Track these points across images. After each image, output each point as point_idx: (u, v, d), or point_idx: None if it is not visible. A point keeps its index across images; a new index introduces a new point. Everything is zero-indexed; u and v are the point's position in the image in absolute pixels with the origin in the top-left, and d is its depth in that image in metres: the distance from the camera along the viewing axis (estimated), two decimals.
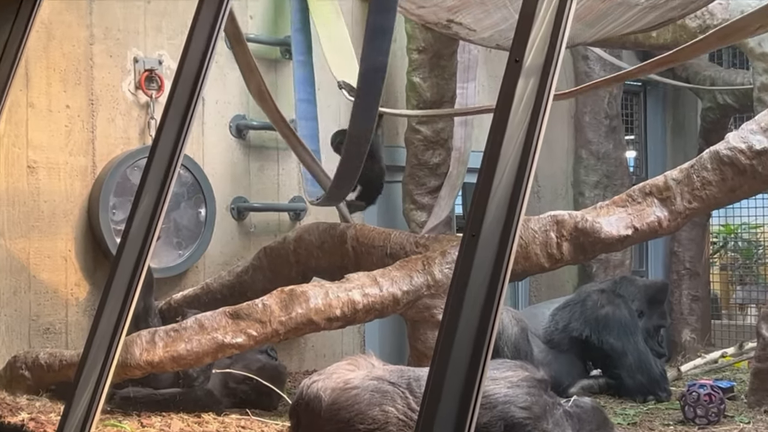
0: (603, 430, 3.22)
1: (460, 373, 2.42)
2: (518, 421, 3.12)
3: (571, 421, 3.21)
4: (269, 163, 6.72)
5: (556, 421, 3.16)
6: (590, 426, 3.20)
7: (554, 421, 3.15)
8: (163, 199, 3.77)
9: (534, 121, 2.53)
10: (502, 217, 2.47)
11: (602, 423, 3.24)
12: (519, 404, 3.15)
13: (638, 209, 5.08)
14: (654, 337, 6.20)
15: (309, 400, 3.33)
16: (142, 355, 4.58)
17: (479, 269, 2.45)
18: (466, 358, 2.43)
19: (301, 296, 4.73)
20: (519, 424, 3.11)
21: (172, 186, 3.80)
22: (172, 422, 4.61)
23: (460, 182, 6.60)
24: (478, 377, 2.39)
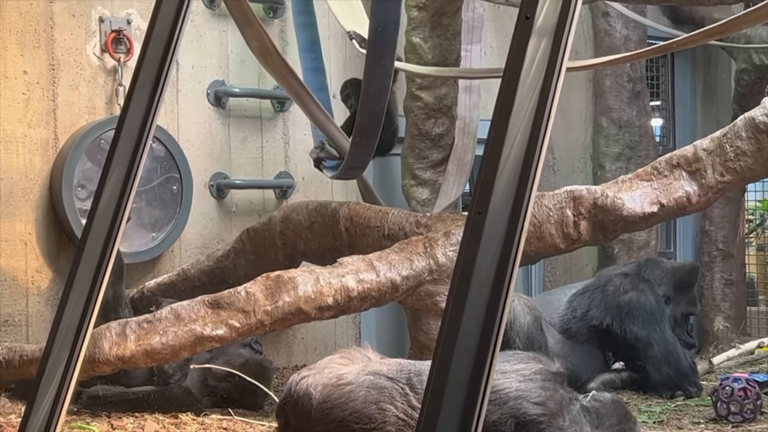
0: (624, 425, 3.23)
1: (465, 366, 2.43)
2: (531, 417, 3.13)
3: (589, 416, 3.22)
4: (252, 135, 6.72)
5: (573, 418, 3.17)
6: (610, 421, 3.22)
7: (571, 417, 3.17)
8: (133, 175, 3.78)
9: (547, 85, 2.53)
10: (511, 192, 2.47)
11: (623, 418, 3.25)
12: (532, 399, 3.17)
13: (664, 183, 5.08)
14: (683, 325, 6.22)
15: (298, 398, 3.34)
16: (111, 349, 4.58)
17: (486, 251, 2.46)
18: (473, 349, 2.44)
19: (288, 283, 4.73)
20: (532, 421, 3.13)
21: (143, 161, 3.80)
22: (146, 423, 4.63)
23: (469, 157, 6.58)
24: (485, 371, 2.41)
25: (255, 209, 6.72)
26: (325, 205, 5.85)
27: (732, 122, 5.19)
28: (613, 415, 3.26)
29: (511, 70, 2.55)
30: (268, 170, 6.78)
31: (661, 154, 6.79)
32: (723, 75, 8.64)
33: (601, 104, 8.01)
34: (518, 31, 2.52)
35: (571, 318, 6.07)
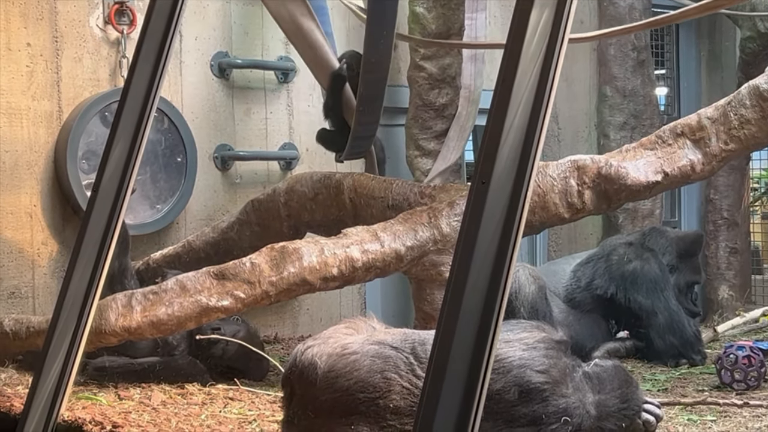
0: (626, 389, 3.24)
1: (469, 335, 2.44)
2: (535, 386, 3.14)
3: (591, 382, 3.23)
4: (256, 106, 6.71)
5: (576, 385, 3.18)
6: (612, 385, 3.23)
7: (574, 384, 3.18)
8: (137, 147, 3.79)
9: (549, 54, 2.53)
10: (514, 162, 2.48)
11: (624, 382, 3.26)
12: (536, 368, 3.17)
13: (669, 152, 5.08)
14: (687, 294, 6.22)
15: (303, 368, 3.35)
16: (117, 320, 4.60)
17: (490, 220, 2.47)
18: (476, 318, 2.45)
19: (293, 254, 4.74)
20: (536, 389, 3.14)
21: (146, 133, 3.82)
22: (153, 394, 4.65)
23: (470, 124, 6.58)
24: (489, 340, 2.42)
25: (259, 181, 6.72)
26: (330, 176, 5.85)
27: (736, 90, 5.18)
28: (614, 380, 3.27)
29: (513, 39, 2.55)
30: (272, 142, 6.78)
31: (666, 123, 6.77)
32: (727, 43, 8.61)
33: (606, 73, 7.98)
34: (521, 1, 2.52)
35: (576, 287, 6.07)
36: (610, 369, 3.32)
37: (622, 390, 3.26)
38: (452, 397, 2.38)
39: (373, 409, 3.25)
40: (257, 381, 5.15)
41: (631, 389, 3.28)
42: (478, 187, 2.49)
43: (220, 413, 4.33)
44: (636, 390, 3.30)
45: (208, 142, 6.50)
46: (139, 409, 4.36)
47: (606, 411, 3.21)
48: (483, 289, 2.46)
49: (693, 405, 4.45)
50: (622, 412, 3.25)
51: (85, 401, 4.44)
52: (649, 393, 4.80)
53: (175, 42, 3.81)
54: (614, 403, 3.23)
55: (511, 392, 3.13)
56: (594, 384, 3.23)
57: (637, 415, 3.28)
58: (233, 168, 6.63)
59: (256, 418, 4.23)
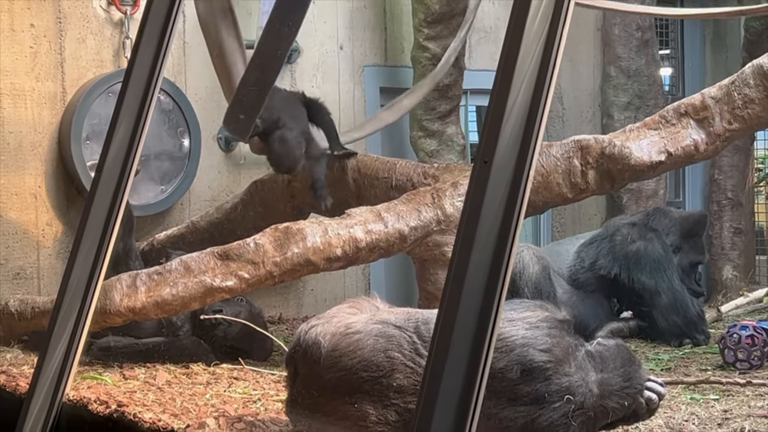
0: (628, 368, 3.24)
1: (471, 314, 2.44)
2: (537, 364, 3.14)
3: (594, 361, 3.24)
4: None
5: (578, 364, 3.18)
6: (614, 364, 3.23)
7: (576, 363, 3.18)
8: (140, 128, 3.79)
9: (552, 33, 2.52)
10: (517, 141, 2.48)
11: (627, 360, 3.25)
12: (538, 347, 3.17)
13: (672, 132, 5.07)
14: (691, 274, 6.22)
15: (307, 347, 3.35)
16: (122, 300, 4.61)
17: (492, 199, 2.47)
18: (479, 298, 2.45)
19: (297, 234, 4.74)
20: (538, 368, 3.14)
21: (150, 113, 3.81)
22: (158, 374, 4.67)
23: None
24: (491, 319, 2.42)
25: (263, 161, 6.68)
26: (333, 157, 5.84)
27: (740, 70, 5.17)
28: (617, 359, 3.27)
29: (516, 18, 2.54)
30: None
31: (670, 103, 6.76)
32: (732, 23, 8.57)
33: (610, 53, 7.96)
34: None
35: (580, 268, 6.08)
36: (612, 348, 3.32)
37: (625, 369, 3.26)
38: (455, 375, 2.39)
39: (376, 388, 3.25)
40: (261, 361, 5.17)
41: (634, 368, 3.28)
42: (481, 167, 2.49)
43: (225, 392, 4.34)
44: (639, 369, 3.30)
45: (211, 123, 6.49)
46: (144, 388, 4.37)
47: (608, 389, 3.21)
48: (485, 268, 2.46)
49: (696, 384, 4.46)
50: (624, 391, 3.25)
51: (90, 381, 4.46)
52: (652, 372, 4.81)
53: (178, 22, 3.80)
54: (617, 381, 3.23)
55: (514, 371, 3.13)
56: (596, 363, 3.23)
57: (639, 394, 3.28)
58: (237, 149, 6.63)
59: (260, 397, 4.24)
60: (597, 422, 3.21)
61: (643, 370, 3.31)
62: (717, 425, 3.73)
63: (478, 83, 7.05)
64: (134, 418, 3.65)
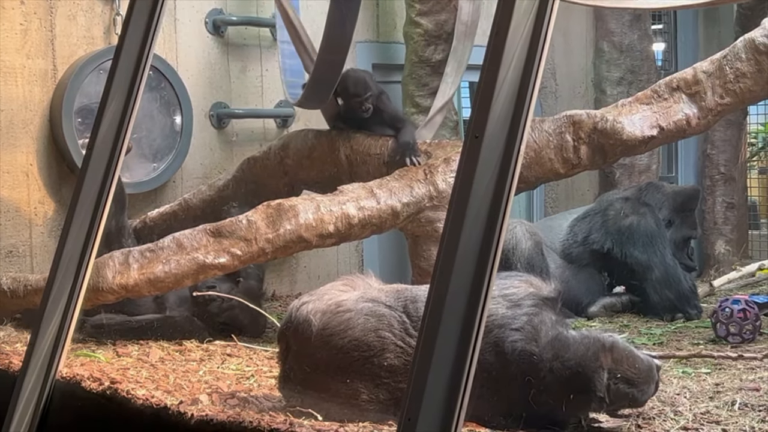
0: (580, 362, 3.21)
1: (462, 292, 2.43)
2: (509, 345, 3.15)
3: (557, 346, 3.21)
4: (251, 64, 6.68)
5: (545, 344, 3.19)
6: (567, 355, 3.20)
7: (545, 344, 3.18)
8: (131, 105, 3.77)
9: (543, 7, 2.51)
10: (507, 115, 2.47)
11: (582, 356, 3.22)
12: (512, 326, 3.18)
13: (664, 106, 5.07)
14: (683, 249, 6.23)
15: (298, 324, 3.36)
16: (115, 278, 4.62)
17: (483, 175, 2.46)
18: (469, 274, 2.44)
19: (289, 211, 4.75)
20: (509, 349, 3.15)
21: (141, 90, 3.79)
22: (151, 351, 4.67)
23: (467, 57, 6.48)
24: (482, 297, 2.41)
25: (255, 138, 6.70)
26: (326, 134, 5.84)
27: (732, 44, 5.16)
28: (575, 351, 3.22)
29: None
30: (268, 99, 6.74)
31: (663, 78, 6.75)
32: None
33: (602, 28, 7.93)
34: None
35: (572, 243, 6.09)
36: (580, 341, 3.28)
37: (579, 362, 3.23)
38: (445, 354, 2.38)
39: (367, 368, 3.27)
40: (255, 338, 5.17)
41: (592, 365, 3.24)
42: (471, 142, 2.48)
43: (218, 369, 4.36)
44: (598, 371, 3.24)
45: (203, 100, 6.47)
46: (137, 365, 4.38)
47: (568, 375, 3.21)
48: (476, 244, 2.45)
49: (688, 358, 4.47)
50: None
51: (84, 358, 4.46)
52: (645, 347, 4.83)
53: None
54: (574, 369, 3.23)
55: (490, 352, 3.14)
56: (559, 348, 3.21)
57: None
58: (229, 126, 6.61)
59: (253, 373, 4.26)
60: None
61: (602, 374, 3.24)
62: (708, 398, 3.74)
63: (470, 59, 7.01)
64: (127, 395, 3.65)
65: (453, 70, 6.35)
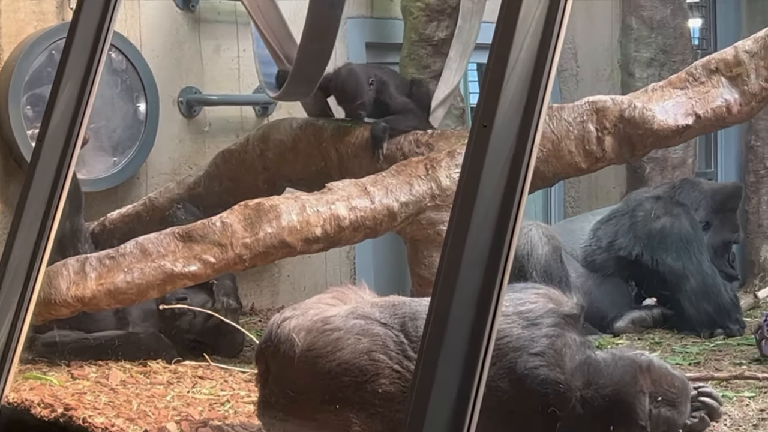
0: (618, 388, 3.21)
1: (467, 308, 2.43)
2: (527, 372, 3.14)
3: (586, 371, 3.21)
4: (227, 42, 6.68)
5: (572, 370, 3.18)
6: (603, 381, 3.20)
7: (571, 369, 3.17)
8: (88, 90, 3.77)
9: None
10: (520, 102, 2.47)
11: (619, 381, 3.21)
12: (531, 350, 3.17)
13: (701, 91, 5.07)
14: (723, 255, 6.24)
15: (279, 343, 3.35)
16: (69, 289, 4.62)
17: (492, 170, 2.46)
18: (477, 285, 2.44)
19: (270, 212, 4.76)
20: (528, 375, 3.14)
21: (99, 73, 3.80)
22: (111, 372, 4.68)
23: (473, 39, 6.49)
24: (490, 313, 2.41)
25: (231, 128, 6.70)
26: (312, 122, 5.86)
27: None
28: (610, 375, 3.22)
29: None
30: (245, 84, 6.75)
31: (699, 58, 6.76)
32: None
33: (630, 1, 7.94)
34: None
35: (596, 248, 6.09)
36: (612, 362, 3.28)
37: (616, 388, 3.22)
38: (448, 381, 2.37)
39: (359, 395, 3.26)
40: (231, 357, 5.18)
41: (631, 391, 3.24)
42: (479, 132, 2.48)
43: (189, 393, 4.36)
44: (638, 396, 3.25)
45: (171, 85, 6.47)
46: (95, 389, 4.38)
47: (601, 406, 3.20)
48: (485, 250, 2.45)
49: (729, 380, 4.47)
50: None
51: (34, 381, 4.47)
52: (679, 367, 4.83)
53: None
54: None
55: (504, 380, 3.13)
56: (588, 374, 3.21)
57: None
58: (201, 114, 6.61)
59: (229, 398, 4.26)
60: None
61: (644, 398, 3.25)
62: (752, 426, 3.75)
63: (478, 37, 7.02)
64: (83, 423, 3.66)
65: (458, 53, 6.35)
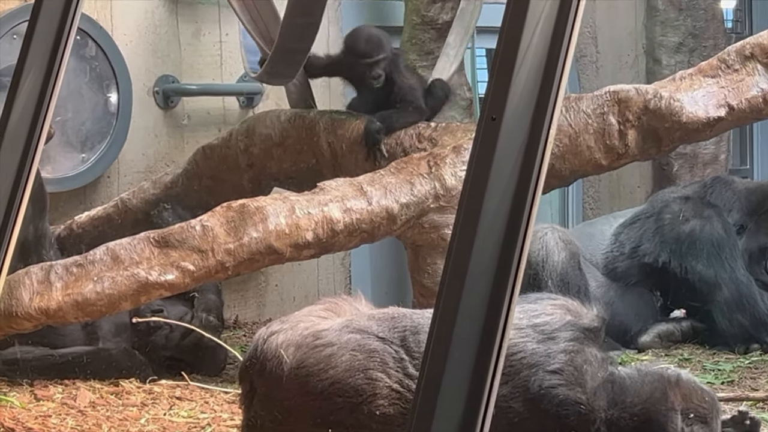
0: (647, 406, 3.22)
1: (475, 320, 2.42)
2: (544, 391, 3.14)
3: (611, 389, 3.21)
4: (207, 26, 6.68)
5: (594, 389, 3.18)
6: (630, 399, 3.20)
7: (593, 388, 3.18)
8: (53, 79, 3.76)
9: None
10: (533, 91, 2.46)
11: (648, 399, 3.22)
12: (548, 367, 3.17)
13: (735, 80, 5.08)
14: (760, 261, 6.24)
15: (266, 360, 3.35)
16: (32, 300, 4.62)
17: (502, 167, 2.45)
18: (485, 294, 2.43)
19: (255, 214, 4.76)
20: (545, 395, 3.14)
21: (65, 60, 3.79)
22: (79, 393, 4.69)
23: (473, 23, 6.47)
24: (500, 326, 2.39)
25: (213, 121, 6.71)
26: (302, 115, 5.86)
27: None
28: (638, 394, 3.23)
29: None
30: (228, 72, 6.76)
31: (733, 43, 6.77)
32: None
33: None
34: None
35: (618, 254, 6.10)
36: (639, 378, 3.29)
37: (645, 407, 3.23)
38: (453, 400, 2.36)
39: (354, 417, 3.26)
40: (212, 376, 5.19)
41: (662, 409, 3.25)
42: (487, 125, 2.46)
43: (165, 416, 4.37)
44: (669, 414, 3.26)
45: (145, 73, 6.48)
46: (61, 412, 4.40)
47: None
48: (493, 257, 2.44)
49: (766, 400, 4.47)
50: None
51: None
52: (711, 386, 4.82)
53: None
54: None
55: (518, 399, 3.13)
56: (612, 392, 3.22)
57: None
58: (179, 106, 6.62)
59: (210, 422, 4.27)
60: None
61: (676, 416, 3.26)
62: None
63: (487, 20, 6.99)
64: None
65: (458, 39, 6.34)
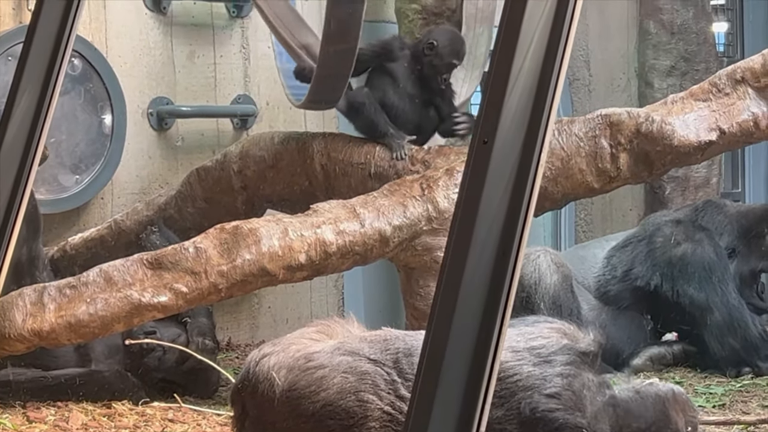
0: (656, 428, 3.22)
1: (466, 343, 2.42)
2: (541, 414, 3.14)
3: (614, 413, 3.21)
4: (202, 48, 6.69)
5: (595, 414, 3.17)
6: (637, 423, 3.20)
7: (593, 413, 3.17)
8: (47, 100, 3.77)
9: None
10: (524, 115, 2.46)
11: (656, 421, 3.22)
12: (545, 390, 3.17)
13: (726, 103, 5.09)
14: (752, 285, 6.25)
15: (257, 382, 3.35)
16: (25, 321, 4.61)
17: (493, 189, 2.45)
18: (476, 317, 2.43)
19: (249, 236, 4.76)
20: (543, 418, 3.13)
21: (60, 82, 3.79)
22: (72, 415, 4.68)
23: (484, 49, 6.48)
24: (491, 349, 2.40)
25: (207, 143, 6.71)
26: (295, 137, 5.86)
27: None
28: (643, 416, 3.23)
29: None
30: (222, 94, 6.76)
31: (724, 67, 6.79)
32: None
33: (649, 4, 7.97)
34: None
35: (610, 278, 6.10)
36: (640, 401, 3.30)
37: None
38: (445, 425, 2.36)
39: None
40: (204, 398, 5.18)
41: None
42: (479, 148, 2.47)
43: None
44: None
45: (140, 95, 6.48)
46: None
47: None
48: (485, 280, 2.44)
49: (757, 424, 4.46)
50: None
51: None
52: (702, 410, 4.82)
53: None
54: None
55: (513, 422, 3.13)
56: (615, 416, 3.22)
57: None
58: (173, 127, 6.62)
59: None
60: None
61: None
62: None
63: None
64: None
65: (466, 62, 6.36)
